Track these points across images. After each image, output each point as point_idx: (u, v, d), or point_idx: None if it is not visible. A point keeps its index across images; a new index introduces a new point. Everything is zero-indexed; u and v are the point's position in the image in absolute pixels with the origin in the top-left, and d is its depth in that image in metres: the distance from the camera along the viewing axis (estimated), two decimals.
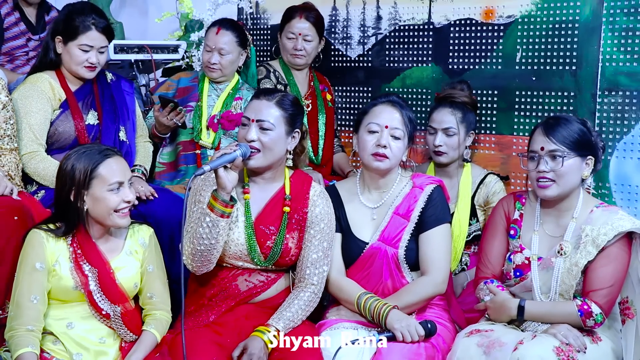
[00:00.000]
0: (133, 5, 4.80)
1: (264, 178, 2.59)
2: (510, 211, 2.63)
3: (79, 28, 2.99)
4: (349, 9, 3.88)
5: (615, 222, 2.43)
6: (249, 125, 2.51)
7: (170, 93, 3.50)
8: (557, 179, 2.46)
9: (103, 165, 2.41)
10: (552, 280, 2.48)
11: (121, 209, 2.43)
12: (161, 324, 2.55)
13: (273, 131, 2.50)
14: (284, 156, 2.58)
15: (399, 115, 2.65)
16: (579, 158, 2.47)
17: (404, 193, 2.69)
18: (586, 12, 3.15)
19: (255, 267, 2.58)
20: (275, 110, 2.52)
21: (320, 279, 2.58)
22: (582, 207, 2.52)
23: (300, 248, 2.59)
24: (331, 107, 3.81)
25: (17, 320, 2.36)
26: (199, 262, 2.47)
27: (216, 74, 3.47)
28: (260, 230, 2.55)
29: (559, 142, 2.46)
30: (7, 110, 2.90)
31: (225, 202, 2.40)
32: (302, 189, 2.62)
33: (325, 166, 3.74)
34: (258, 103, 2.54)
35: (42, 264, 2.40)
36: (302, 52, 3.64)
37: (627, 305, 2.51)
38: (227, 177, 2.38)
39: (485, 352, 2.33)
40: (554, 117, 2.56)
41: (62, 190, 2.43)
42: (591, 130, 2.53)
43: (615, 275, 2.41)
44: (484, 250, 2.65)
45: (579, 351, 2.29)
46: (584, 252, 2.43)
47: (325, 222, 2.60)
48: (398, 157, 2.65)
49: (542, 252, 2.53)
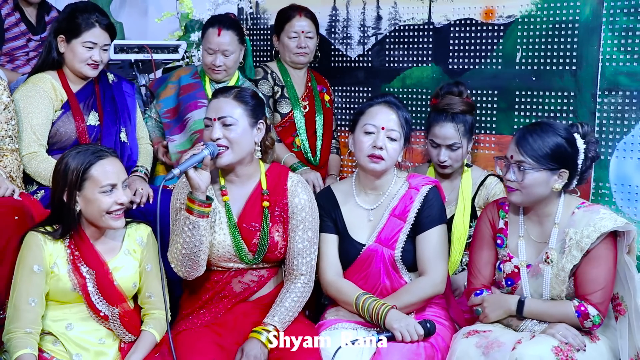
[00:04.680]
0: (133, 5, 4.80)
1: (238, 176, 2.59)
2: (495, 220, 2.61)
3: (82, 25, 3.00)
4: (349, 9, 3.88)
5: (597, 223, 2.40)
6: (212, 125, 2.50)
7: (173, 95, 3.46)
8: (521, 189, 2.44)
9: (96, 167, 2.40)
10: (542, 288, 2.47)
11: (114, 210, 2.42)
12: (160, 323, 2.54)
13: (236, 126, 2.50)
14: (252, 149, 2.57)
15: (395, 117, 2.64)
16: (546, 172, 2.42)
17: (400, 194, 2.69)
18: (586, 12, 3.15)
19: (246, 266, 2.58)
20: (235, 105, 2.51)
21: (309, 267, 2.58)
22: (563, 211, 2.49)
23: (287, 240, 2.59)
24: (329, 107, 3.81)
25: (15, 323, 2.37)
26: (188, 267, 2.47)
27: (221, 75, 3.43)
28: (244, 228, 2.56)
29: (526, 154, 2.42)
30: (8, 111, 2.90)
31: (202, 202, 2.40)
32: (280, 181, 2.62)
33: (324, 167, 3.74)
34: (217, 102, 2.53)
35: (40, 267, 2.40)
36: (306, 50, 3.64)
37: (618, 302, 2.50)
38: (199, 177, 2.39)
39: (484, 353, 2.32)
40: (533, 125, 2.51)
41: (56, 191, 2.42)
42: (574, 143, 2.46)
43: (606, 276, 2.40)
44: (473, 261, 2.63)
45: (578, 350, 2.29)
46: (569, 256, 2.42)
47: (306, 210, 2.59)
48: (394, 158, 2.64)
49: (530, 258, 2.52)
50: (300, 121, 3.67)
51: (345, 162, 3.92)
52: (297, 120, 3.66)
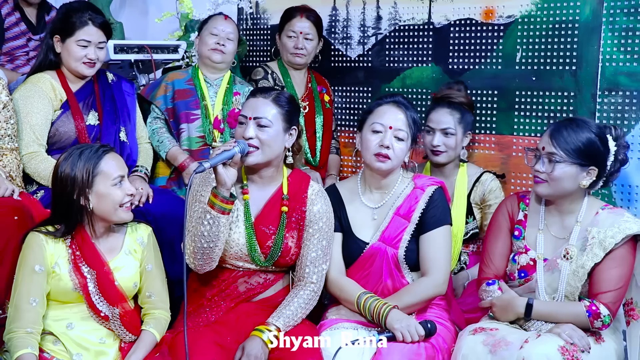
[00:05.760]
0: (133, 5, 4.80)
1: (262, 177, 2.59)
2: (514, 212, 2.63)
3: (75, 24, 3.01)
4: (349, 9, 3.88)
5: (622, 225, 2.43)
6: (246, 123, 2.51)
7: (168, 95, 3.47)
8: (549, 180, 2.47)
9: (103, 162, 2.42)
10: (558, 283, 2.47)
11: (125, 203, 2.45)
12: (160, 323, 2.55)
13: (270, 128, 2.50)
14: (281, 153, 2.58)
15: (403, 117, 2.65)
16: (576, 166, 2.45)
17: (405, 194, 2.69)
18: (586, 12, 3.15)
19: (256, 267, 2.58)
20: (272, 108, 2.52)
21: (319, 277, 2.58)
22: (587, 211, 2.51)
23: (300, 247, 2.59)
24: (329, 108, 3.81)
25: (16, 322, 2.37)
26: (202, 261, 2.47)
27: (221, 57, 3.49)
28: (260, 230, 2.56)
29: (559, 146, 2.44)
30: (7, 110, 2.90)
31: (225, 199, 2.40)
32: (300, 188, 2.63)
33: (323, 167, 3.74)
34: (255, 101, 2.54)
35: (41, 267, 2.40)
36: (303, 51, 3.65)
37: (631, 307, 2.52)
38: (227, 174, 2.39)
39: (492, 351, 2.32)
40: (568, 120, 2.54)
41: (62, 193, 2.42)
42: (606, 142, 2.49)
43: (622, 277, 2.41)
44: (487, 250, 2.64)
45: (583, 351, 2.29)
46: (591, 254, 2.43)
47: (323, 220, 2.60)
48: (400, 158, 2.65)
49: (547, 253, 2.53)
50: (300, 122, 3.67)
51: (345, 162, 3.92)
52: None
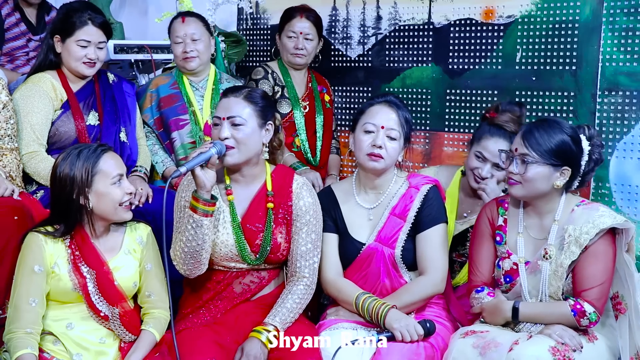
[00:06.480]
0: (133, 5, 4.80)
1: (244, 176, 2.59)
2: (494, 217, 2.62)
3: (75, 24, 3.01)
4: (349, 9, 3.88)
5: (597, 220, 2.41)
6: (220, 124, 2.51)
7: (153, 105, 3.42)
8: (522, 182, 2.45)
9: (102, 161, 2.43)
10: (540, 284, 2.47)
11: (124, 201, 2.45)
12: (160, 322, 2.55)
13: (245, 126, 2.50)
14: (260, 150, 2.57)
15: (395, 116, 2.65)
16: (549, 167, 2.43)
17: (400, 193, 2.69)
18: (586, 12, 3.15)
19: (248, 266, 2.58)
20: (245, 106, 2.52)
21: (311, 270, 2.58)
22: (564, 209, 2.50)
23: (290, 242, 2.59)
24: (329, 108, 3.81)
25: (16, 323, 2.37)
26: (190, 265, 2.47)
27: (195, 63, 3.41)
28: (247, 229, 2.56)
29: (531, 147, 2.43)
30: (7, 110, 2.91)
31: (207, 201, 2.41)
32: (285, 183, 2.62)
33: (324, 167, 3.74)
34: (227, 101, 2.53)
35: (41, 267, 2.40)
36: (303, 52, 3.65)
37: (618, 300, 2.51)
38: (205, 176, 2.39)
39: (481, 354, 2.32)
40: (540, 121, 2.52)
41: (61, 193, 2.42)
42: (579, 143, 2.47)
43: (604, 272, 2.40)
44: (473, 258, 2.64)
45: (574, 350, 2.29)
46: (568, 252, 2.43)
47: (310, 213, 2.60)
48: (393, 157, 2.65)
49: (528, 255, 2.52)
50: (300, 121, 3.67)
51: (345, 162, 3.92)
52: (297, 120, 3.66)
